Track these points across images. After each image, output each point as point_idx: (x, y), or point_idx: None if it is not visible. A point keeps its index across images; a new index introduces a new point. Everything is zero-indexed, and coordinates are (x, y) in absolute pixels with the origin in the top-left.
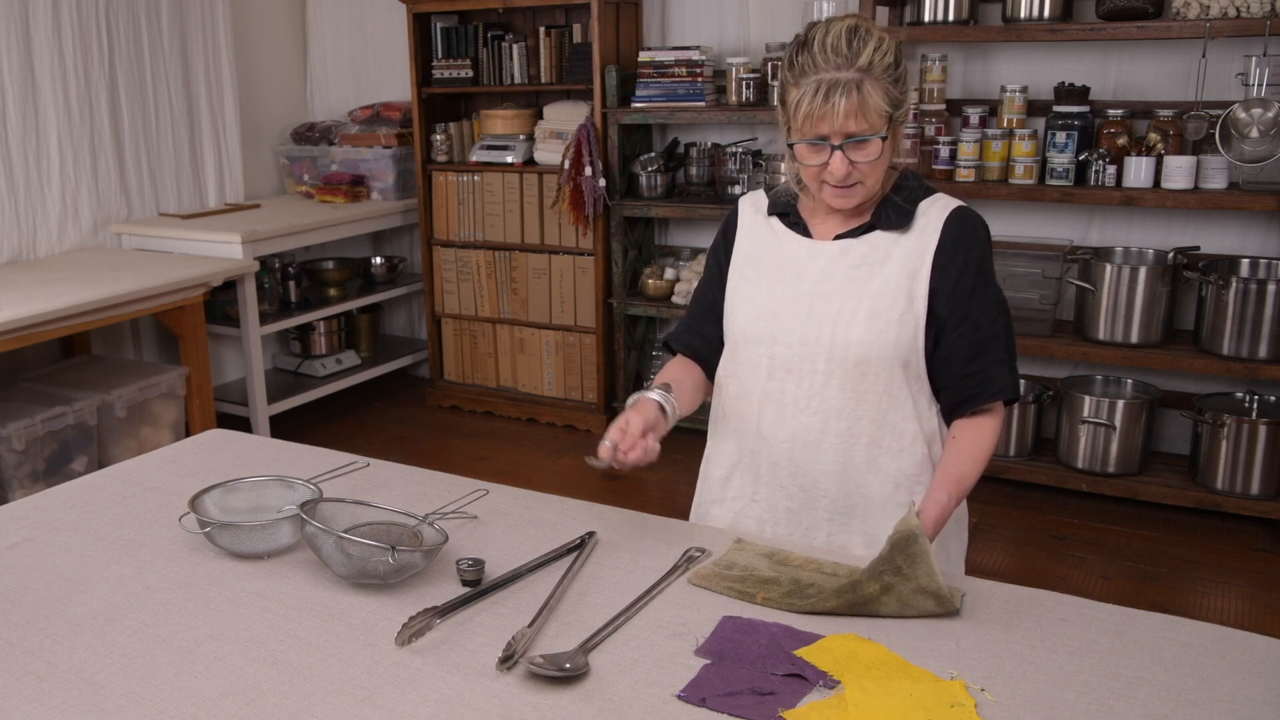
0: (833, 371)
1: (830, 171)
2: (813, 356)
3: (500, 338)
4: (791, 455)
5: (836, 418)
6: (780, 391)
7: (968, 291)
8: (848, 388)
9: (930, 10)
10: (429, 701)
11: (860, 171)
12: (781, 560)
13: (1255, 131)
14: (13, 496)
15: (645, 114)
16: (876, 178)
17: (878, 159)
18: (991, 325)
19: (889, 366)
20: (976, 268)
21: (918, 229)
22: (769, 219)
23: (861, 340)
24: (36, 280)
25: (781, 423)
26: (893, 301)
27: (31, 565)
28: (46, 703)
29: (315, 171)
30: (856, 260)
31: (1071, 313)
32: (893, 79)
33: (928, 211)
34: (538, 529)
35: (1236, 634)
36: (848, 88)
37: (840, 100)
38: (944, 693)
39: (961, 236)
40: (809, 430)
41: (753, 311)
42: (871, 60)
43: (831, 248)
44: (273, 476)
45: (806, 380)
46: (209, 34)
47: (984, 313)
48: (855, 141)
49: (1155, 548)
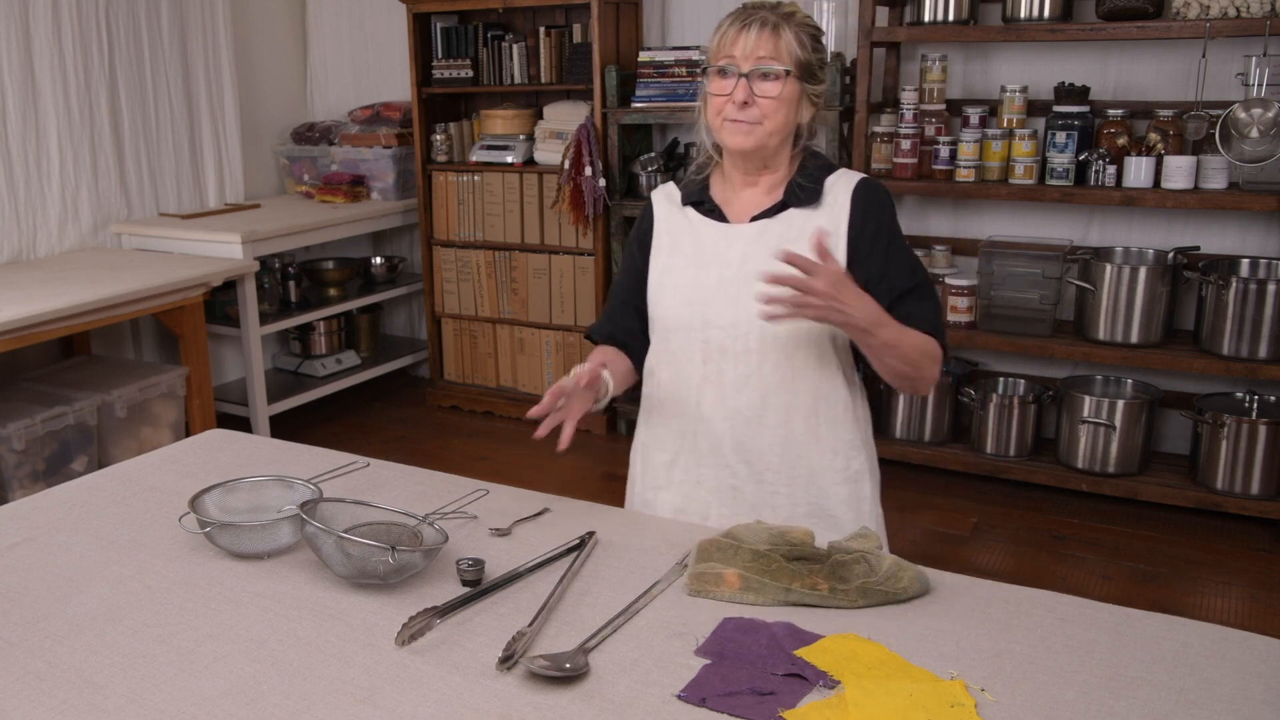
0: (767, 350)
1: (732, 99)
2: (745, 336)
3: (500, 338)
4: (734, 433)
5: (775, 393)
6: (718, 373)
7: (882, 254)
8: (783, 363)
9: (930, 10)
10: (429, 701)
11: (760, 109)
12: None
13: (1255, 131)
14: (13, 496)
15: (645, 114)
16: (775, 123)
17: (778, 100)
18: (909, 279)
19: (819, 340)
20: (888, 233)
21: (828, 203)
22: (684, 209)
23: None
24: (36, 280)
25: (722, 403)
26: None
27: (31, 565)
28: (46, 703)
29: (315, 171)
30: (775, 240)
31: (1071, 313)
32: (811, 37)
33: (834, 186)
34: (538, 529)
35: (1236, 634)
36: (766, 20)
37: (755, 28)
38: (944, 693)
39: (870, 206)
40: (749, 407)
41: (681, 299)
42: (794, 12)
43: (749, 230)
44: (273, 476)
45: (742, 360)
46: (209, 34)
47: (899, 272)
48: (761, 73)
49: (1155, 548)
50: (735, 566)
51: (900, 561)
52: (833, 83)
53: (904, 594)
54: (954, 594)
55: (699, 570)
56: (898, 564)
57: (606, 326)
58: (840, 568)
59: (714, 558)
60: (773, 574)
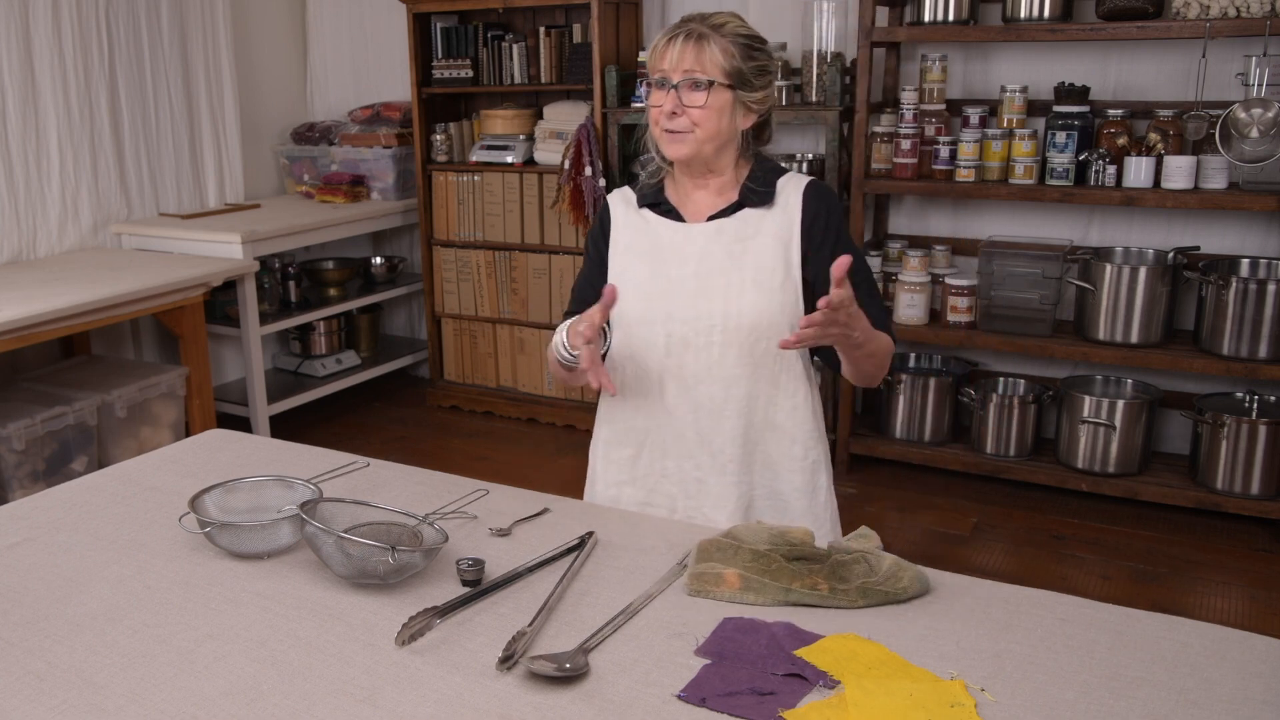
0: (729, 341)
1: (663, 110)
2: (708, 329)
3: (500, 338)
4: (697, 425)
5: (736, 384)
6: (679, 366)
7: (829, 250)
8: (744, 355)
9: (930, 10)
10: (429, 701)
11: (690, 118)
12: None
13: (1255, 131)
14: (13, 496)
15: (645, 114)
16: (707, 131)
17: (706, 109)
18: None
19: (779, 331)
20: (837, 231)
21: (780, 204)
22: (640, 211)
23: (752, 309)
24: (36, 280)
25: (684, 395)
26: (773, 271)
27: (31, 565)
28: (46, 703)
29: (315, 171)
30: (732, 237)
31: (1071, 313)
32: (741, 47)
33: (785, 188)
34: (538, 529)
35: (1236, 634)
36: (692, 34)
37: (681, 41)
38: (944, 693)
39: (820, 206)
40: (712, 399)
41: (642, 294)
42: (725, 23)
43: (707, 228)
44: (273, 476)
45: (704, 353)
46: (209, 34)
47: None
48: (689, 83)
49: (1155, 548)
50: (735, 566)
51: (900, 561)
52: (833, 83)
53: (904, 594)
54: (954, 594)
55: (699, 570)
56: (898, 564)
57: None
58: (840, 568)
59: (714, 558)
60: (773, 574)
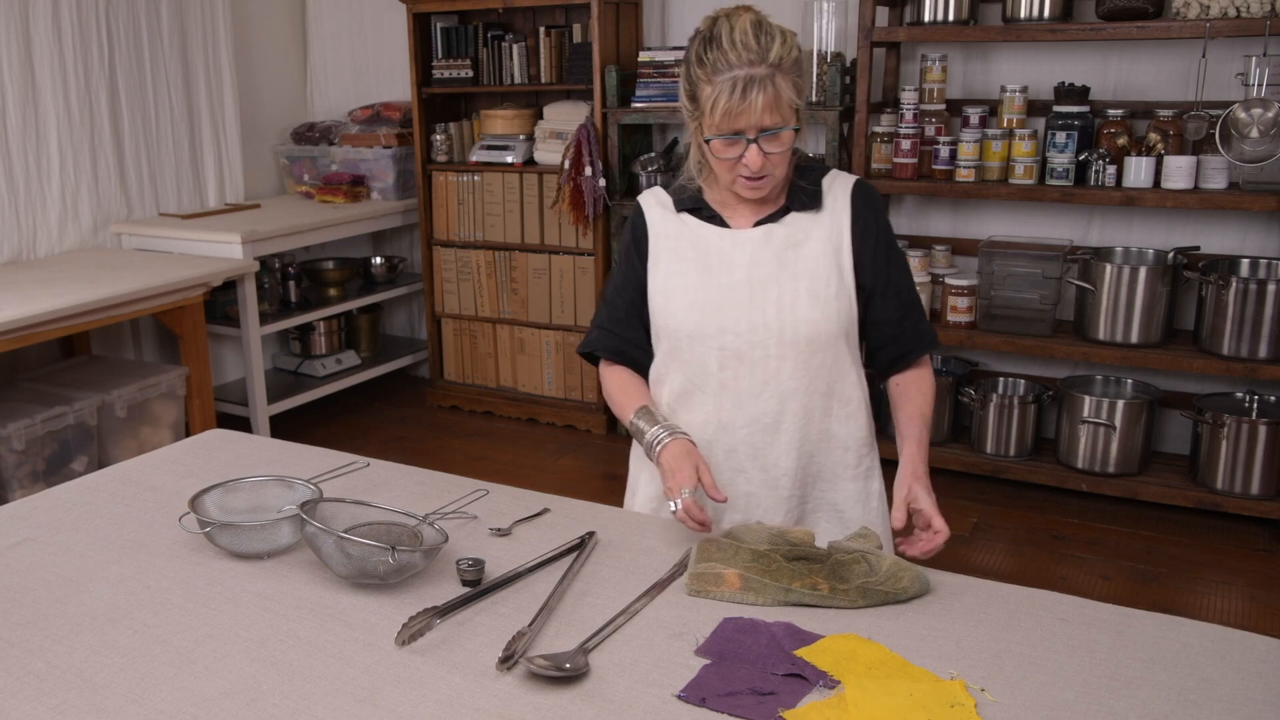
0: (784, 354)
1: (746, 164)
2: (764, 342)
3: (500, 338)
4: (751, 439)
5: (792, 397)
6: (734, 380)
7: (884, 258)
8: (800, 367)
9: (930, 10)
10: (429, 701)
11: (772, 163)
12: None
13: (1255, 131)
14: (13, 496)
15: (645, 114)
16: (784, 168)
17: (787, 149)
18: (910, 287)
19: (835, 341)
20: (886, 235)
21: (828, 207)
22: (679, 215)
23: (809, 319)
24: (36, 280)
25: (738, 410)
26: (827, 280)
27: (31, 565)
28: (46, 703)
29: (315, 171)
30: (782, 243)
31: (1071, 313)
32: (798, 73)
33: (832, 188)
34: (538, 529)
35: (1236, 634)
36: (763, 83)
37: (758, 97)
38: (944, 693)
39: (869, 208)
40: (767, 413)
41: (692, 305)
42: (781, 56)
43: (755, 234)
44: (273, 476)
45: (760, 366)
46: (209, 34)
47: (901, 275)
48: (769, 135)
49: (1155, 548)
50: (735, 566)
51: (900, 561)
52: (833, 83)
53: (904, 594)
54: (954, 594)
55: (699, 570)
56: (898, 564)
57: (611, 341)
58: (840, 568)
59: (714, 558)
60: (773, 574)
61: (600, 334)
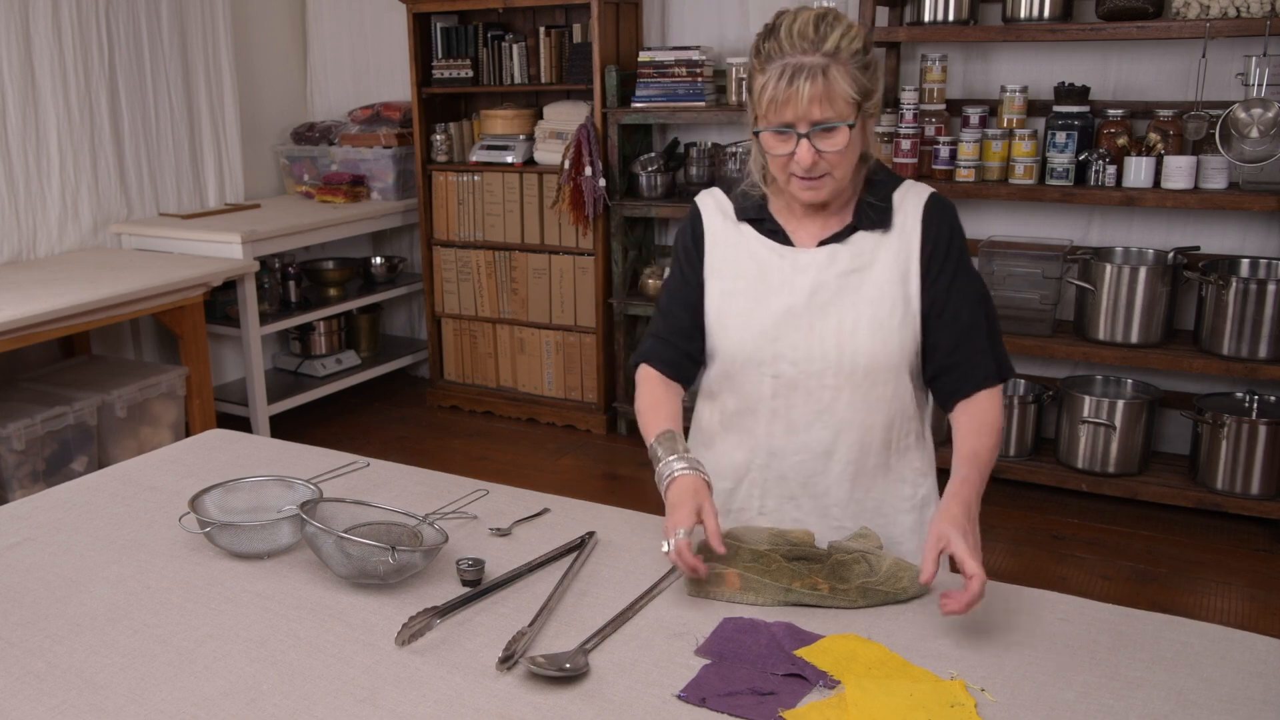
0: (842, 385)
1: (797, 161)
2: (820, 372)
3: (500, 338)
4: (802, 468)
5: (848, 429)
6: (788, 408)
7: (947, 282)
8: (858, 399)
9: (930, 10)
10: (429, 701)
11: (828, 161)
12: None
13: (1255, 131)
14: (13, 496)
15: (645, 114)
16: (845, 169)
17: (845, 149)
18: (972, 314)
19: (897, 372)
20: (957, 258)
21: (898, 226)
22: (739, 225)
23: (869, 351)
24: (36, 280)
25: (791, 437)
26: (891, 308)
27: (31, 565)
28: (46, 703)
29: (315, 171)
30: (845, 267)
31: (1071, 313)
32: (860, 65)
33: (903, 205)
34: (538, 529)
35: (1236, 634)
36: (813, 72)
37: (805, 85)
38: (944, 693)
39: (940, 228)
40: (820, 443)
41: (746, 330)
42: (839, 45)
43: (819, 255)
44: (273, 476)
45: (815, 395)
46: (209, 34)
47: (962, 302)
48: (822, 130)
49: (1155, 548)
50: (735, 566)
51: (900, 561)
52: None
53: (904, 594)
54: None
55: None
56: (898, 564)
57: (668, 352)
58: (840, 568)
59: (714, 558)
60: (772, 574)
61: (657, 344)
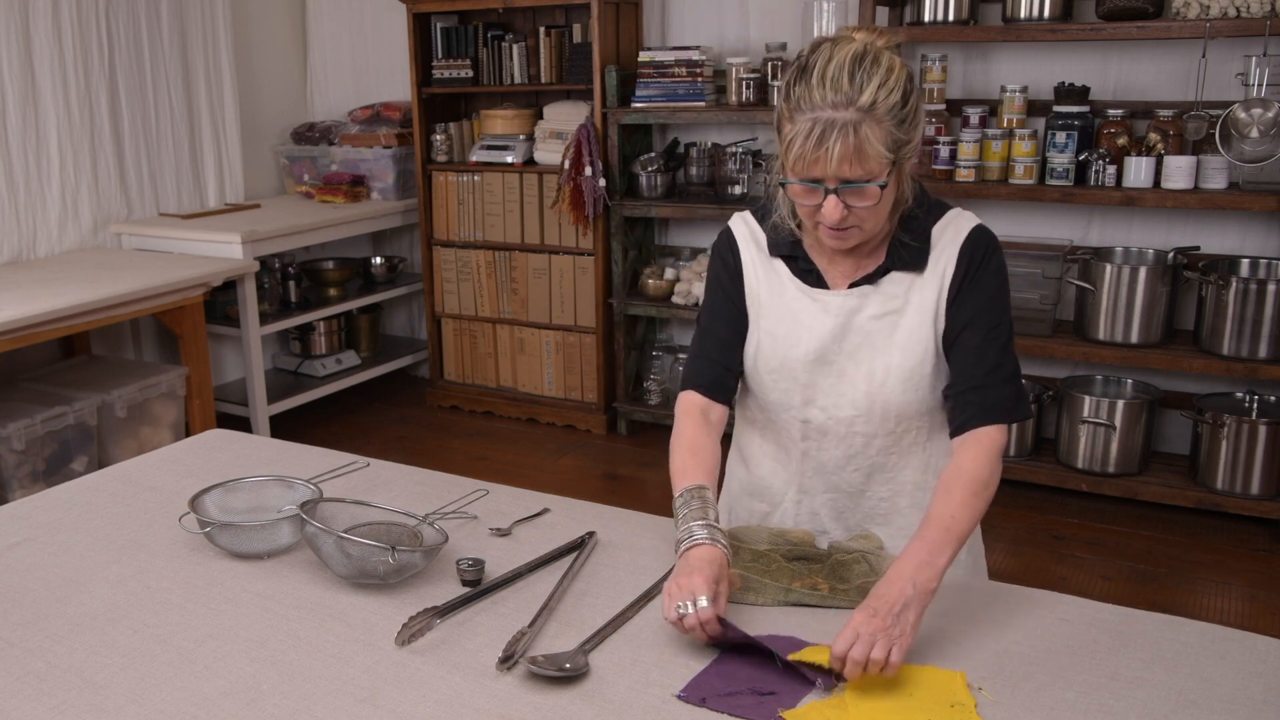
0: (874, 432)
1: (823, 214)
2: (850, 420)
3: (500, 338)
4: (834, 504)
5: (880, 472)
6: (818, 450)
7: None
8: (889, 445)
9: (930, 10)
10: (429, 701)
11: (857, 215)
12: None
13: (1255, 131)
14: (13, 496)
15: (645, 114)
16: (876, 222)
17: (875, 205)
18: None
19: (929, 418)
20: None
21: (933, 265)
22: (771, 260)
23: (900, 401)
24: (36, 280)
25: (821, 478)
26: (924, 356)
27: (31, 565)
28: (46, 703)
29: (315, 171)
30: (877, 311)
31: (1071, 313)
32: (897, 120)
33: (940, 241)
34: (538, 529)
35: (1236, 634)
36: (844, 131)
37: (835, 145)
38: (944, 692)
39: (979, 268)
40: (850, 485)
41: (777, 375)
42: (875, 99)
43: (850, 298)
44: (273, 476)
45: (845, 442)
46: (209, 34)
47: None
48: (852, 187)
49: (1155, 548)
50: (735, 567)
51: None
52: None
53: None
54: (954, 594)
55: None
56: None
57: (713, 371)
58: (840, 568)
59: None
60: (773, 574)
61: (700, 364)
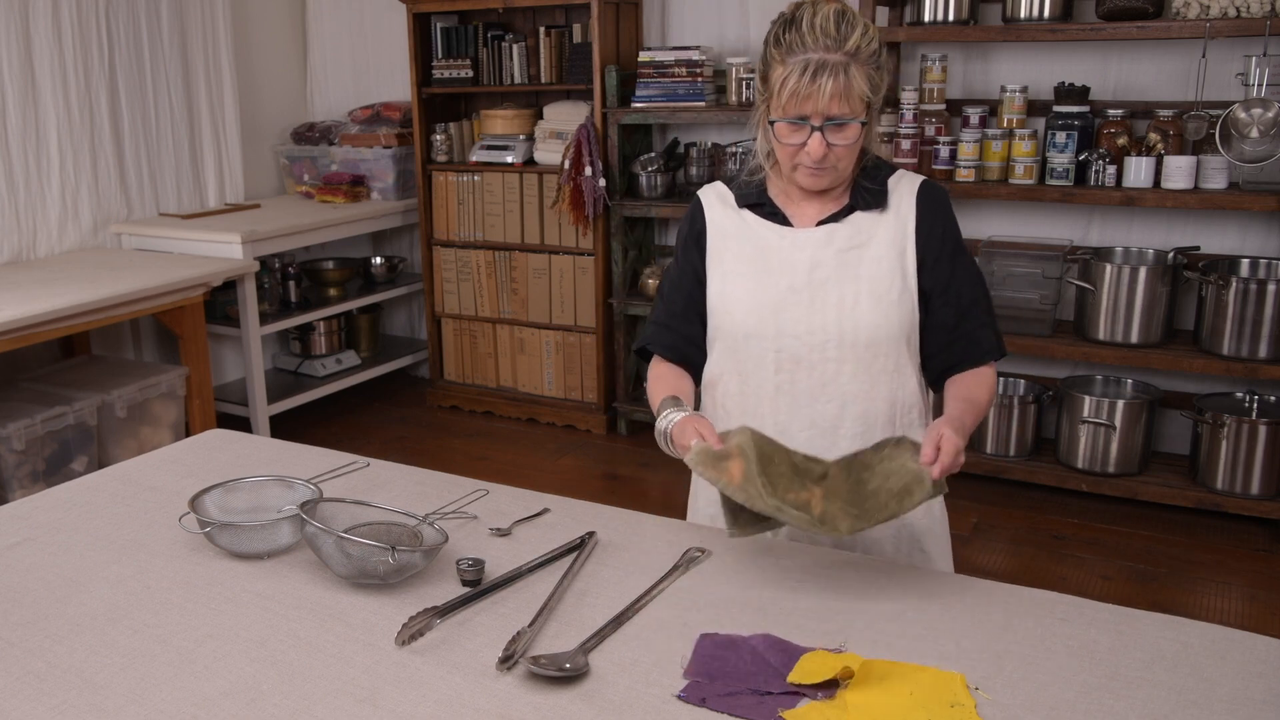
0: (845, 357)
1: (807, 152)
2: (822, 345)
3: (500, 338)
4: (810, 443)
5: (853, 402)
6: (791, 383)
7: (947, 261)
8: (860, 371)
9: (930, 10)
10: (429, 701)
11: (835, 154)
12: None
13: (1255, 131)
14: (13, 496)
15: (645, 114)
16: (849, 162)
17: (853, 144)
18: (971, 291)
19: (896, 346)
20: (953, 239)
21: (893, 207)
22: (739, 211)
23: (870, 324)
24: (36, 280)
25: (796, 413)
26: (890, 284)
27: (31, 565)
28: (46, 703)
29: (315, 171)
30: (844, 244)
31: (1071, 313)
32: (875, 65)
33: (897, 188)
34: (538, 529)
35: (1236, 634)
36: (835, 70)
37: (827, 82)
38: (944, 692)
39: (935, 210)
40: (825, 417)
41: (750, 306)
42: (859, 45)
43: (816, 234)
44: (273, 476)
45: (819, 369)
46: (209, 34)
47: (964, 280)
48: (835, 124)
49: (1155, 548)
50: (743, 459)
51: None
52: None
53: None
54: (954, 594)
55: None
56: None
57: (665, 337)
58: (855, 470)
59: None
60: (772, 479)
61: (657, 329)
